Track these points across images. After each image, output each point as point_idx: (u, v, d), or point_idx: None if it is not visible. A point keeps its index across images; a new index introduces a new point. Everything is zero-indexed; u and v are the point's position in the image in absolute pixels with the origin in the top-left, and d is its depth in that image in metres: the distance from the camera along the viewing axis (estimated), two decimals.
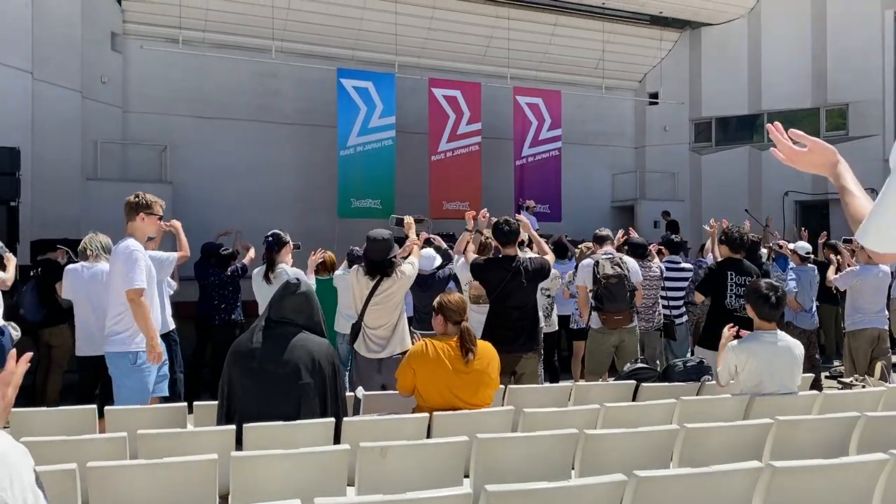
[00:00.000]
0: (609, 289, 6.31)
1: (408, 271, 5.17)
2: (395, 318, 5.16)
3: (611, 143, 17.93)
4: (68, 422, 4.06)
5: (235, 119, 14.06)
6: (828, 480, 2.76)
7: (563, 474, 3.27)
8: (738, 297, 6.24)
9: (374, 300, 5.08)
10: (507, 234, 5.57)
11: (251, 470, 3.03)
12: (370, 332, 5.15)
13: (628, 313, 6.46)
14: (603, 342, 6.49)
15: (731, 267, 6.33)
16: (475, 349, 4.07)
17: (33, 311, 7.13)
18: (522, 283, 5.48)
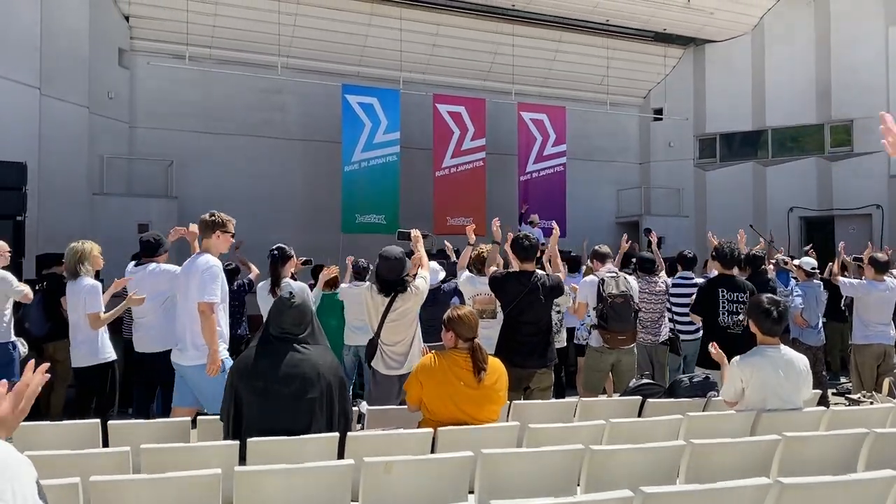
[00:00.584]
0: (615, 308, 6.27)
1: (421, 286, 5.17)
2: (411, 334, 5.16)
3: (615, 158, 17.96)
4: (72, 436, 4.05)
5: (241, 135, 14.14)
6: (836, 497, 2.73)
7: (569, 490, 3.24)
8: (731, 315, 6.20)
9: (389, 317, 5.07)
10: (526, 249, 5.57)
11: (255, 485, 3.01)
12: (388, 349, 5.13)
13: (632, 334, 6.44)
14: (600, 361, 6.47)
15: (722, 284, 6.28)
16: (486, 367, 4.04)
17: (38, 326, 7.14)
18: (540, 300, 5.47)
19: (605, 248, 6.99)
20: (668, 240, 15.78)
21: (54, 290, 7.15)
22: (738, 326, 6.14)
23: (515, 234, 5.76)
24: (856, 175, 15.77)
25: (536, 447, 3.57)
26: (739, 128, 17.48)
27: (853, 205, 15.65)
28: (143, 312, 5.84)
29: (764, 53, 16.96)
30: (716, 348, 4.71)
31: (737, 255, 6.38)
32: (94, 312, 5.52)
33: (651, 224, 16.85)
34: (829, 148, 16.55)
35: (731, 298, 6.20)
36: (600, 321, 6.33)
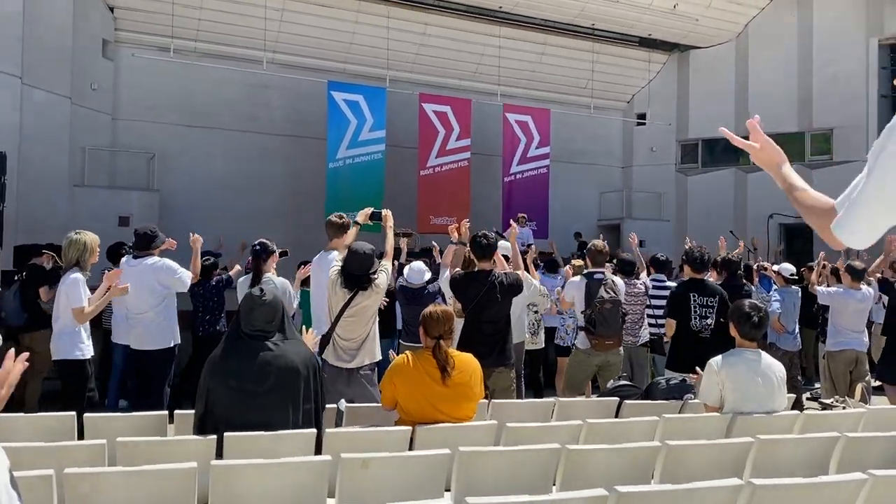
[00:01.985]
0: (604, 314, 6.28)
1: (381, 283, 5.12)
2: (366, 331, 5.12)
3: (598, 162, 18.08)
4: (46, 428, 4.02)
5: (225, 129, 14.07)
6: (808, 499, 2.77)
7: (545, 489, 3.26)
8: (702, 318, 6.27)
9: (347, 312, 5.04)
10: (483, 247, 5.58)
11: (231, 479, 3.00)
12: (341, 342, 5.11)
13: (619, 339, 6.47)
14: (586, 362, 6.48)
15: (693, 288, 6.36)
16: (450, 367, 4.03)
17: (16, 316, 7.06)
18: (497, 298, 5.49)
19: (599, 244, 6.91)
20: (648, 243, 15.89)
21: (33, 280, 7.08)
22: (706, 330, 6.23)
23: (474, 234, 5.75)
24: (835, 183, 15.78)
25: (514, 446, 3.59)
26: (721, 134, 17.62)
27: None
28: (142, 308, 5.74)
29: (747, 61, 17.13)
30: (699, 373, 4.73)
31: (707, 259, 6.45)
32: (79, 307, 5.29)
33: (631, 228, 16.98)
34: (809, 156, 16.74)
35: (702, 303, 6.28)
36: (588, 326, 6.33)
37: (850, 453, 3.66)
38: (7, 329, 7.19)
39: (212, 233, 11.46)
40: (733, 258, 7.40)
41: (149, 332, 5.75)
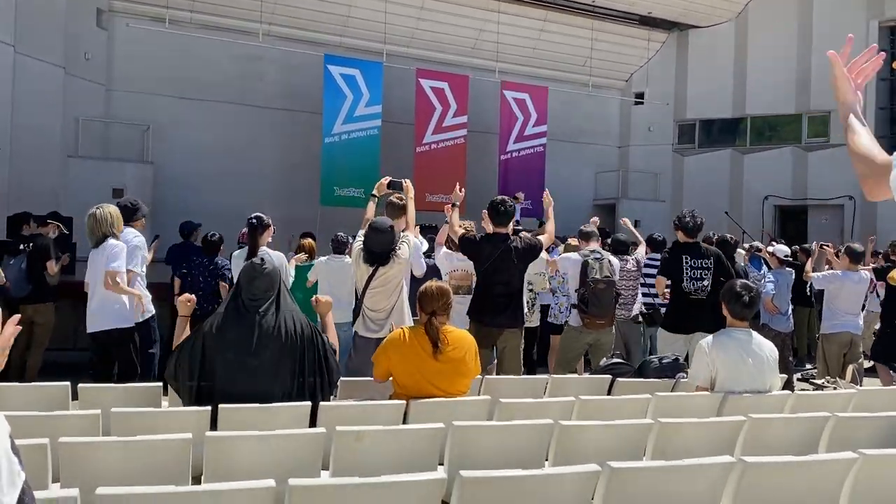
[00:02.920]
0: (597, 294, 6.32)
1: (403, 254, 5.19)
2: (394, 300, 5.23)
3: (595, 141, 18.02)
4: (42, 398, 4.02)
5: (219, 101, 13.96)
6: (797, 477, 2.80)
7: (537, 464, 3.28)
8: (694, 280, 6.31)
9: (372, 284, 5.14)
10: (501, 214, 5.75)
11: (225, 450, 3.02)
12: (370, 314, 5.25)
13: (610, 318, 6.51)
14: (578, 339, 6.54)
15: (685, 251, 6.39)
16: (442, 342, 4.06)
17: (19, 287, 7.04)
18: (512, 261, 5.64)
19: (590, 228, 6.99)
20: (643, 224, 15.91)
21: (41, 254, 7.05)
22: (702, 292, 6.25)
23: (493, 199, 5.88)
24: (831, 166, 15.97)
25: (507, 421, 3.61)
26: (719, 115, 17.60)
27: (827, 195, 15.87)
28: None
29: (747, 41, 17.05)
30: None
31: (699, 223, 6.47)
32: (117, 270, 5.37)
33: (627, 207, 17.00)
34: (806, 138, 16.74)
35: (695, 265, 6.30)
36: (581, 304, 6.36)
37: (841, 433, 3.69)
38: (9, 300, 7.18)
39: (206, 205, 11.44)
40: (728, 239, 7.41)
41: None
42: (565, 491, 2.58)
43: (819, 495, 2.83)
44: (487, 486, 2.48)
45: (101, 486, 2.19)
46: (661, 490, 2.66)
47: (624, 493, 2.61)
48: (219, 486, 2.35)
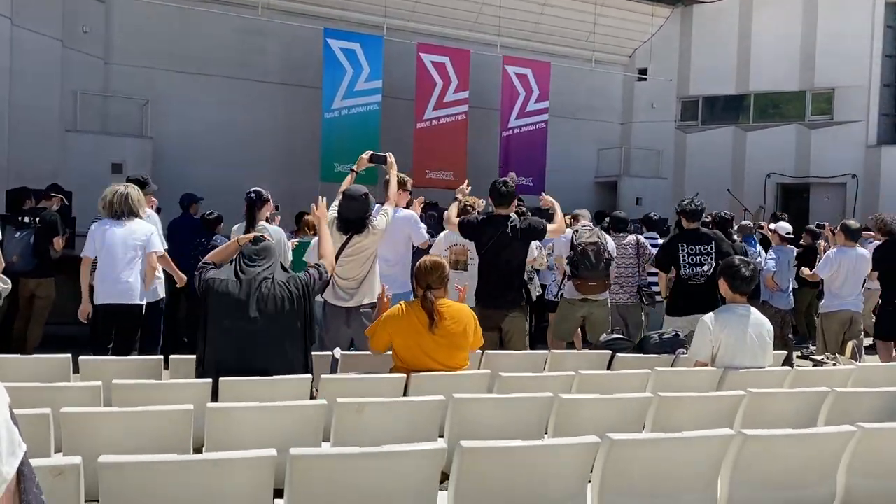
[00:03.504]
0: (586, 255, 6.39)
1: (380, 225, 5.15)
2: (365, 271, 5.17)
3: (597, 117, 17.89)
4: (43, 370, 4.03)
5: (218, 76, 13.84)
6: (797, 450, 2.81)
7: (537, 437, 3.30)
8: (693, 266, 6.33)
9: (345, 253, 5.09)
10: (502, 195, 5.73)
11: (227, 421, 3.03)
12: (340, 282, 5.18)
13: (602, 282, 6.53)
14: (572, 311, 6.60)
15: (681, 239, 6.42)
16: (437, 316, 4.07)
17: (25, 262, 7.04)
18: (513, 242, 5.62)
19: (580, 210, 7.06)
20: (644, 201, 15.88)
21: (49, 230, 7.04)
22: (701, 277, 6.26)
23: (494, 180, 5.86)
24: (834, 144, 15.90)
25: (507, 395, 3.62)
26: (722, 91, 17.47)
27: (829, 173, 15.82)
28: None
29: (751, 17, 16.87)
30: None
31: (701, 209, 6.48)
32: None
33: (629, 185, 16.94)
34: (809, 115, 16.63)
35: (692, 251, 6.32)
36: (572, 269, 6.42)
37: (839, 408, 3.70)
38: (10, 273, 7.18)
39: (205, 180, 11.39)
40: (725, 215, 7.40)
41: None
42: (565, 462, 2.60)
43: (818, 467, 2.85)
44: (487, 456, 2.49)
45: (103, 455, 2.20)
46: (661, 462, 2.68)
47: (623, 464, 2.63)
48: (220, 455, 2.36)
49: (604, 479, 2.61)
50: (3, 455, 1.14)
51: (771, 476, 2.77)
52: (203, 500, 2.27)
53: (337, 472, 2.39)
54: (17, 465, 1.16)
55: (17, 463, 1.16)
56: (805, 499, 2.83)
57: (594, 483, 2.64)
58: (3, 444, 1.15)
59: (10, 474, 1.13)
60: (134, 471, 2.22)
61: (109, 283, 5.54)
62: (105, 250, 5.55)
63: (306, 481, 2.34)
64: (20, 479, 1.19)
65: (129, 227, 5.57)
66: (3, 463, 1.13)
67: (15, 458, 1.17)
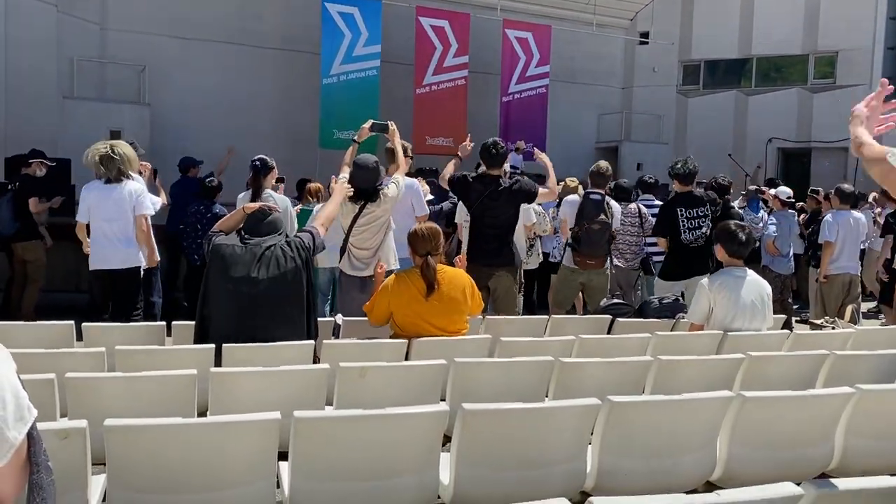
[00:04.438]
0: (590, 234, 6.37)
1: (391, 193, 5.17)
2: (380, 240, 5.22)
3: (598, 82, 17.73)
4: (46, 336, 4.05)
5: (216, 41, 13.68)
6: (795, 411, 2.84)
7: (538, 400, 3.32)
8: (692, 230, 6.36)
9: (358, 223, 5.14)
10: (493, 156, 5.79)
11: (230, 386, 3.05)
12: (355, 251, 5.24)
13: (602, 258, 6.53)
14: (571, 279, 6.61)
15: (680, 202, 6.43)
16: (437, 283, 4.08)
17: (7, 225, 7.06)
18: (501, 200, 5.68)
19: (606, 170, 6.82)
20: (646, 166, 15.79)
21: (25, 191, 7.04)
22: (700, 240, 6.34)
23: (484, 142, 5.87)
24: (836, 108, 15.75)
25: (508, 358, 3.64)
26: (724, 55, 17.29)
27: (831, 138, 15.72)
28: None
29: None
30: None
31: (693, 170, 6.48)
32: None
33: (630, 150, 16.84)
34: (812, 79, 16.49)
35: (690, 215, 6.36)
36: (574, 242, 6.41)
37: (838, 370, 3.73)
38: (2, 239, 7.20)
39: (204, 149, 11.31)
40: (724, 182, 7.35)
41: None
42: (565, 424, 2.62)
43: (816, 428, 2.88)
44: (489, 418, 2.52)
45: (108, 419, 2.21)
46: (661, 424, 2.70)
47: (623, 426, 2.65)
48: (226, 419, 2.38)
49: (604, 441, 2.64)
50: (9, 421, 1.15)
51: (770, 437, 2.80)
52: (209, 463, 2.30)
53: (341, 434, 2.41)
54: (26, 430, 1.17)
55: (25, 429, 1.17)
56: (803, 459, 2.86)
57: (594, 445, 2.67)
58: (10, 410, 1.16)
59: (17, 439, 1.15)
60: (140, 434, 2.24)
61: (101, 248, 5.40)
62: (96, 214, 5.39)
63: (310, 444, 2.37)
64: (31, 443, 1.20)
65: (119, 188, 5.36)
66: (10, 428, 1.14)
67: (23, 423, 1.18)
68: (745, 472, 2.74)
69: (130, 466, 2.25)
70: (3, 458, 1.13)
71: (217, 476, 2.30)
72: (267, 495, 2.36)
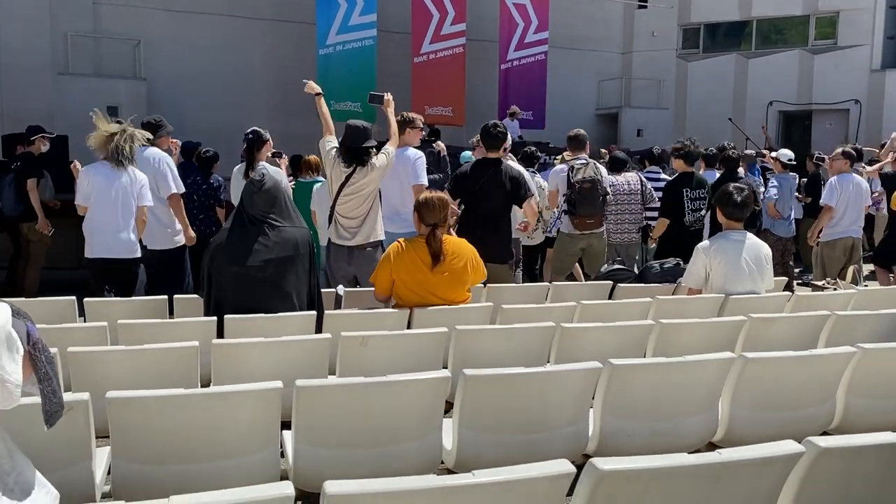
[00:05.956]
0: (582, 193, 6.33)
1: (380, 163, 5.10)
2: (366, 209, 5.15)
3: (597, 48, 17.55)
4: (49, 312, 4.06)
5: (210, 14, 13.53)
6: (797, 372, 2.84)
7: (539, 365, 3.33)
8: (694, 212, 6.39)
9: (345, 190, 5.07)
10: (493, 137, 5.59)
11: (233, 357, 3.06)
12: (342, 220, 5.17)
13: (599, 217, 6.51)
14: (571, 245, 6.58)
15: (685, 183, 6.43)
16: (443, 254, 4.04)
17: (12, 206, 7.04)
18: (501, 189, 5.44)
19: (576, 132, 6.81)
20: (646, 132, 15.71)
21: (26, 170, 7.01)
22: (700, 222, 6.44)
23: (485, 123, 5.73)
24: (837, 69, 15.63)
25: (509, 325, 3.65)
26: (724, 17, 17.09)
27: (832, 99, 15.60)
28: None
29: None
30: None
31: (698, 152, 6.49)
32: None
33: (630, 116, 16.73)
34: (812, 40, 16.31)
35: (693, 196, 6.40)
36: (569, 207, 6.37)
37: (840, 331, 3.73)
38: (4, 219, 7.18)
39: (201, 122, 11.26)
40: (732, 154, 7.28)
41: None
42: (566, 388, 2.63)
43: (818, 388, 2.88)
44: (490, 383, 2.53)
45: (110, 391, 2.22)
46: (662, 386, 2.71)
47: (625, 389, 2.66)
48: (228, 389, 2.38)
49: (605, 404, 2.65)
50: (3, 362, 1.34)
51: (771, 397, 2.81)
52: (212, 432, 2.31)
53: (343, 402, 2.42)
54: (19, 369, 1.38)
55: (17, 368, 1.38)
56: (805, 419, 2.87)
57: (596, 408, 2.68)
58: (2, 352, 1.35)
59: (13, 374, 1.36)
60: (142, 406, 2.25)
61: (102, 236, 5.12)
62: (99, 200, 5.08)
63: (313, 412, 2.38)
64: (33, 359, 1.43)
65: (127, 175, 5.10)
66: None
67: (15, 363, 1.38)
68: (746, 433, 2.75)
69: (134, 438, 2.26)
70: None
71: (221, 446, 2.32)
72: (271, 464, 2.38)
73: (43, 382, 1.44)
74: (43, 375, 1.44)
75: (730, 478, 1.70)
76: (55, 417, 1.48)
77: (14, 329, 1.41)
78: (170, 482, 2.22)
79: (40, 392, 1.46)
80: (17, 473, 1.50)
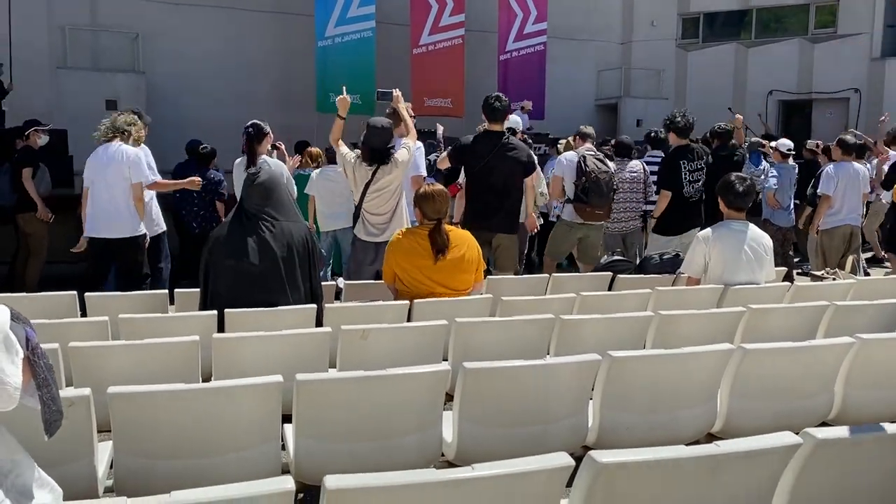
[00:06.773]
0: (598, 183, 6.31)
1: (402, 157, 5.19)
2: (393, 205, 5.26)
3: (597, 38, 17.48)
4: (50, 307, 4.07)
5: (208, 6, 13.48)
6: (796, 362, 2.85)
7: (539, 357, 3.33)
8: (693, 184, 6.38)
9: (371, 188, 5.16)
10: (495, 109, 5.61)
11: (233, 351, 3.07)
12: (369, 217, 5.28)
13: (607, 209, 6.51)
14: (570, 234, 6.59)
15: (682, 156, 6.43)
16: (446, 249, 4.07)
17: (6, 196, 7.04)
18: (507, 160, 5.50)
19: (589, 129, 6.91)
20: (646, 122, 15.65)
21: (22, 161, 7.01)
22: (698, 193, 6.42)
23: (486, 95, 5.74)
24: (837, 58, 15.57)
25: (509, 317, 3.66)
26: (724, 6, 17.03)
27: (832, 88, 15.56)
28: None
29: None
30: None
31: (691, 123, 6.46)
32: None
33: (630, 106, 16.67)
34: (812, 29, 16.26)
35: (692, 168, 6.38)
36: (581, 195, 6.33)
37: (839, 321, 3.73)
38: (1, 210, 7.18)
39: (201, 115, 11.24)
40: (727, 128, 7.30)
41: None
42: (566, 380, 2.64)
43: (816, 378, 2.89)
44: (490, 376, 2.53)
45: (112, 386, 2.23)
46: (661, 378, 2.72)
47: (624, 381, 2.67)
48: (229, 383, 2.39)
49: (605, 396, 2.66)
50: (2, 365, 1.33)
51: (770, 388, 2.82)
52: (213, 427, 2.32)
53: (343, 396, 2.43)
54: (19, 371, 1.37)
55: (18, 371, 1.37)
56: (804, 409, 2.88)
57: (595, 400, 2.69)
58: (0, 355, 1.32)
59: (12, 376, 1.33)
60: (144, 401, 2.26)
61: (99, 215, 5.25)
62: (95, 179, 5.25)
63: (313, 406, 2.39)
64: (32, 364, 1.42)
65: (118, 153, 5.25)
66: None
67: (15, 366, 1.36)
68: (745, 425, 2.76)
69: (135, 433, 2.27)
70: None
71: (222, 440, 2.33)
72: (272, 458, 2.39)
73: (42, 389, 1.43)
74: (42, 381, 1.44)
75: (728, 469, 1.71)
76: (55, 427, 1.47)
77: (13, 332, 1.40)
78: (172, 476, 2.23)
79: (39, 399, 1.44)
80: (16, 475, 1.51)
